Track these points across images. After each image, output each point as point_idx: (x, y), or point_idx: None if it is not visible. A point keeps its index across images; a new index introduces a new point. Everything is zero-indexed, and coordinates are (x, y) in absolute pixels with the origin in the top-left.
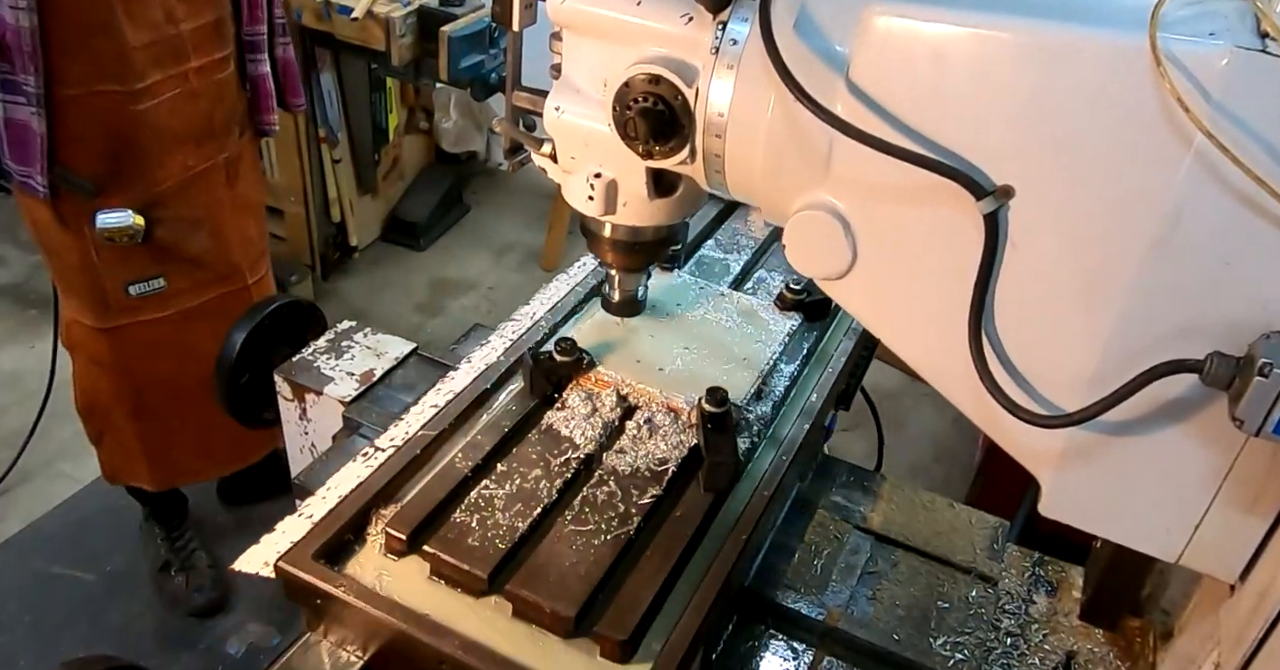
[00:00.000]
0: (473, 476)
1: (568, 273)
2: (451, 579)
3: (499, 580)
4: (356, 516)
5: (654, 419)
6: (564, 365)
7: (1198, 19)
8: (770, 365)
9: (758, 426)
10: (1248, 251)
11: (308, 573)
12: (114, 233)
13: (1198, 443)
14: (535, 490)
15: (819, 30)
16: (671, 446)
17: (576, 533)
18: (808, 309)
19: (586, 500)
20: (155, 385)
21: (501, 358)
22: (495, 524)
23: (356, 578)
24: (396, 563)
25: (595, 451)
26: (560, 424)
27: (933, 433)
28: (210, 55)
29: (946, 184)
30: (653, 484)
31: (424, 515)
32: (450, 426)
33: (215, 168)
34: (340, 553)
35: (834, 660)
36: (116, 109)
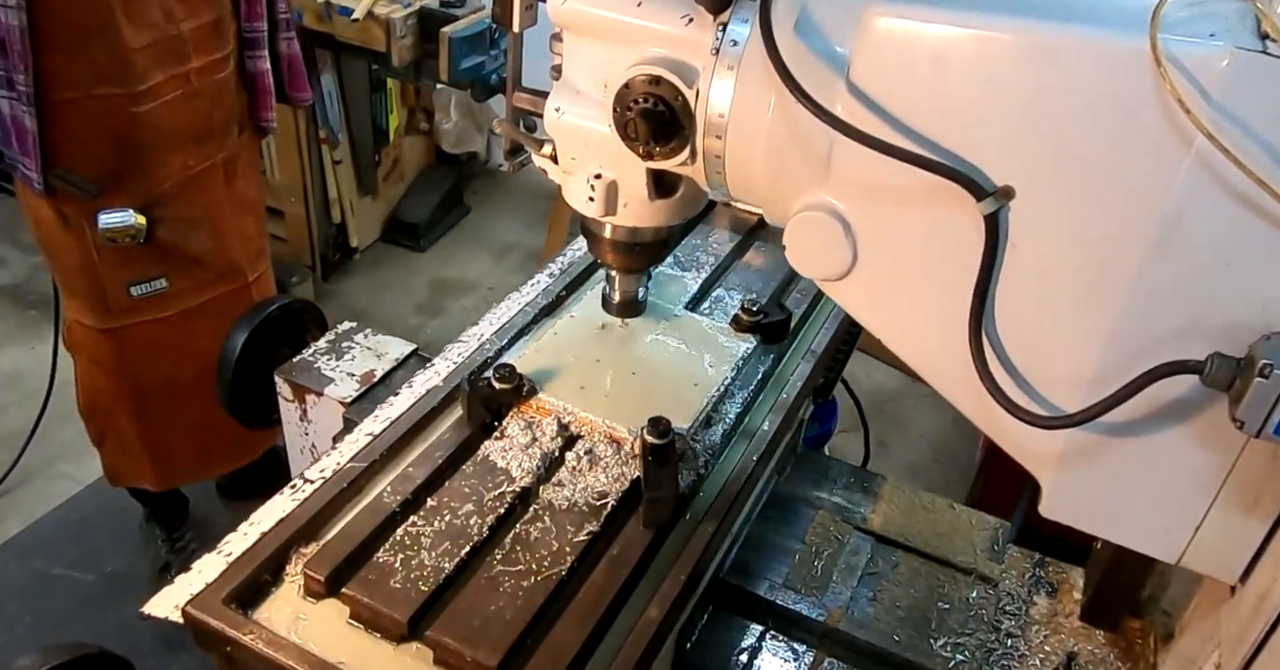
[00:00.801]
0: (401, 512)
1: (520, 291)
2: (371, 623)
3: (420, 625)
4: (275, 555)
5: (595, 450)
6: (503, 392)
7: (1198, 20)
8: (721, 391)
9: (704, 457)
10: (1248, 252)
11: (216, 619)
12: (116, 233)
13: (1198, 444)
14: (465, 527)
15: (819, 31)
16: (612, 479)
17: (505, 573)
18: (765, 330)
19: (519, 537)
20: (157, 385)
21: (441, 383)
22: (420, 564)
23: (269, 623)
24: (315, 605)
25: (532, 484)
26: (497, 455)
27: (933, 433)
28: (210, 55)
29: (947, 185)
30: (590, 520)
31: (345, 555)
32: (382, 457)
33: (215, 167)
34: (255, 595)
35: (834, 661)
36: (118, 111)
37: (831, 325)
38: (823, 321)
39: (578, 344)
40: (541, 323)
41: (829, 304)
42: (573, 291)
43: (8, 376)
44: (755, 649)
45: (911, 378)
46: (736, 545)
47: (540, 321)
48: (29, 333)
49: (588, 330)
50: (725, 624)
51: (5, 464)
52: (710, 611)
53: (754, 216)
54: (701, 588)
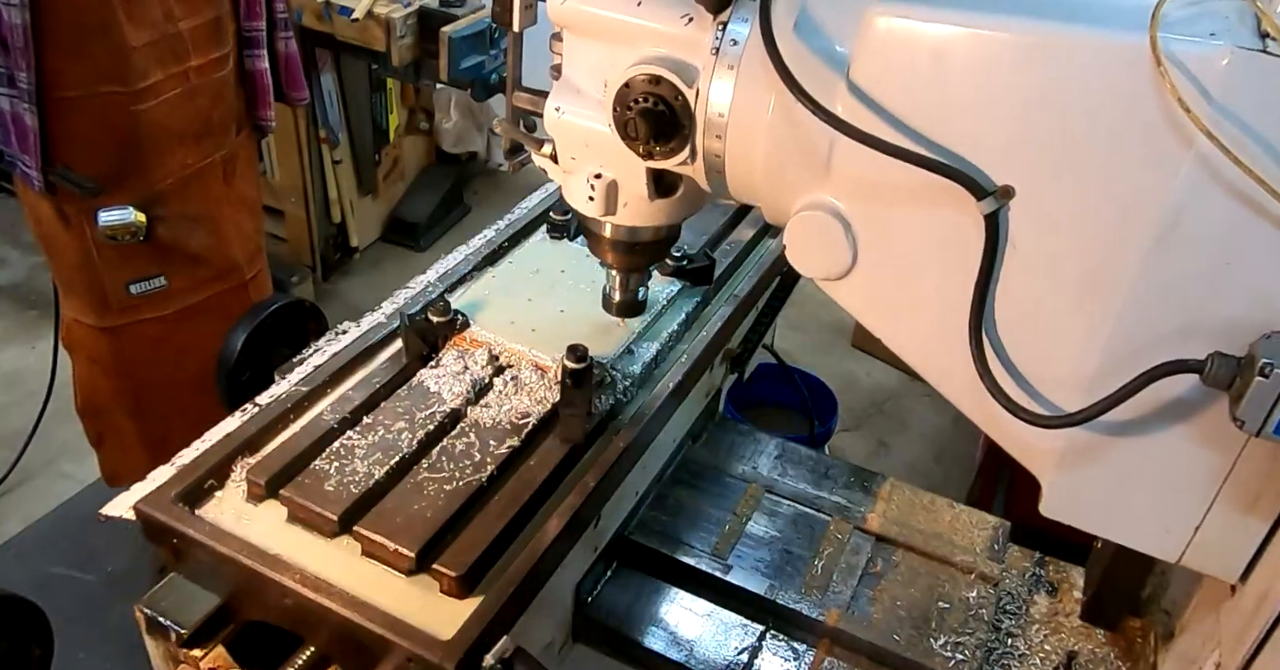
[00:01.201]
0: (338, 428)
1: (468, 244)
2: (306, 522)
3: (350, 522)
4: (219, 464)
5: (521, 376)
6: (439, 325)
7: (1198, 19)
8: (641, 328)
9: (624, 384)
10: (1248, 251)
11: (164, 514)
12: (116, 231)
13: (1198, 443)
14: (396, 441)
15: (819, 31)
16: (535, 402)
17: (430, 480)
18: (690, 275)
19: (445, 450)
20: (155, 384)
21: (384, 321)
22: (353, 471)
23: (214, 520)
24: (256, 507)
25: (461, 406)
26: (431, 381)
27: (933, 432)
28: (210, 54)
29: (947, 184)
30: (512, 436)
31: (284, 463)
32: (324, 384)
33: (214, 165)
34: (200, 497)
35: (834, 661)
36: (118, 109)
37: (755, 275)
38: (748, 272)
39: (512, 286)
40: (483, 270)
41: (755, 256)
42: (515, 243)
43: (8, 376)
44: (755, 649)
45: (911, 377)
46: (644, 504)
47: (482, 269)
48: (29, 333)
49: (523, 274)
50: (628, 581)
51: (5, 464)
52: (614, 568)
53: None
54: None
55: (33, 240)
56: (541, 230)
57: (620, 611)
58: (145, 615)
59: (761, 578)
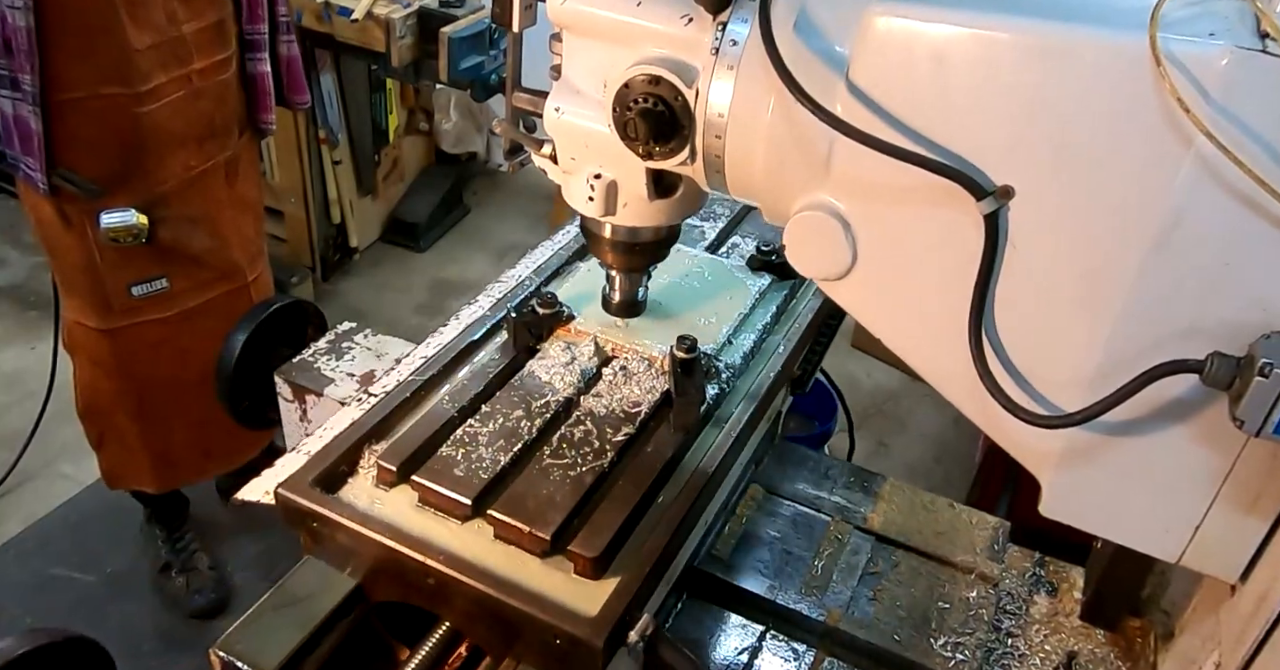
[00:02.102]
0: (458, 417)
1: (553, 239)
2: (438, 506)
3: (482, 506)
4: (350, 451)
5: (628, 367)
6: (545, 317)
7: (1198, 19)
8: (741, 319)
9: (727, 374)
10: (1248, 252)
11: (305, 498)
12: (118, 232)
13: (1198, 443)
14: (516, 428)
15: (819, 31)
16: (645, 391)
17: (554, 465)
18: (778, 269)
19: (564, 437)
20: (157, 386)
21: (487, 313)
22: (479, 457)
23: (350, 504)
24: (387, 492)
25: (573, 395)
26: (541, 371)
27: (933, 432)
28: (212, 56)
29: (947, 184)
30: (626, 424)
31: (413, 449)
32: (438, 374)
33: (216, 167)
34: (335, 482)
35: (834, 661)
36: (121, 112)
37: None
38: None
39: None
40: (574, 263)
41: None
42: None
43: (8, 376)
44: (756, 649)
45: (911, 377)
46: (713, 535)
47: (572, 262)
48: (29, 333)
49: None
50: (700, 612)
51: (5, 464)
52: (685, 599)
53: None
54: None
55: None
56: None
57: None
58: (221, 660)
59: (761, 578)
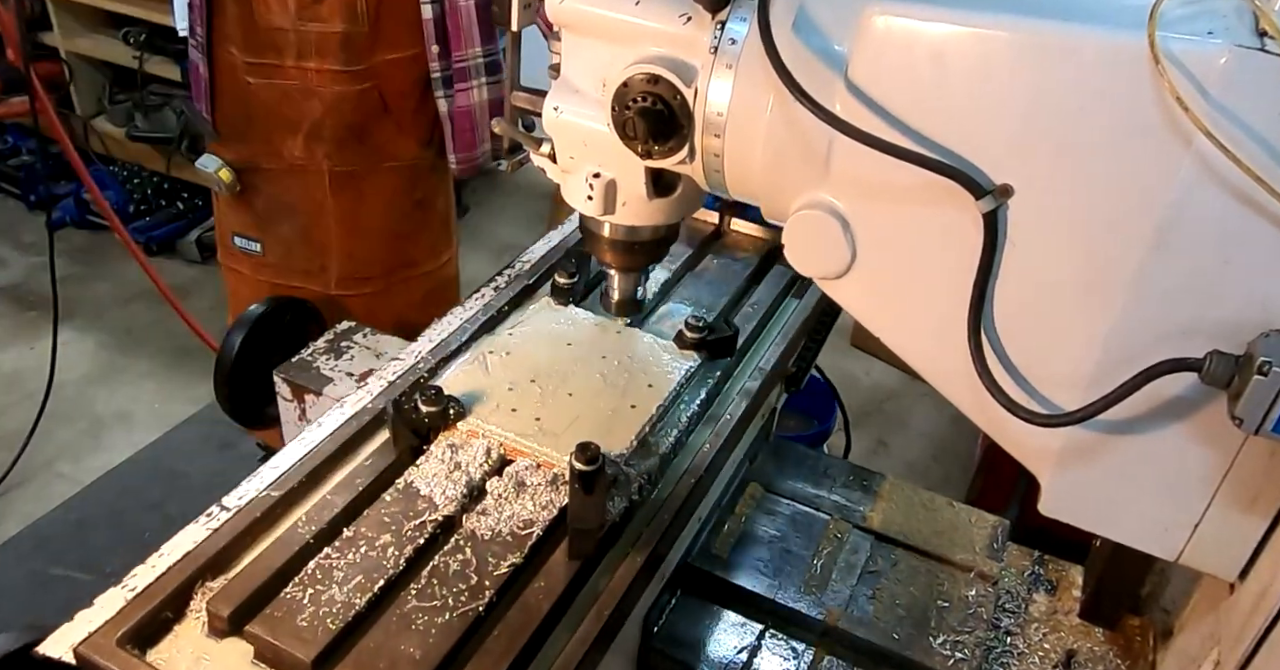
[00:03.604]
0: (315, 543)
1: (464, 306)
2: (275, 663)
3: (325, 666)
4: (179, 591)
5: (523, 477)
6: (430, 416)
7: (1196, 18)
8: (659, 413)
9: (638, 483)
10: (1247, 250)
11: (109, 660)
12: (204, 175)
13: (1197, 441)
14: (381, 559)
15: (818, 30)
16: (540, 507)
17: (419, 609)
18: (710, 347)
19: (436, 570)
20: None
21: (370, 404)
22: (330, 600)
23: (167, 665)
24: (218, 644)
25: (455, 513)
26: (421, 482)
27: (932, 431)
28: (332, 64)
29: (946, 183)
30: (513, 550)
31: (251, 590)
32: (301, 484)
33: (318, 171)
34: (156, 633)
35: (834, 660)
36: (235, 72)
37: (781, 341)
38: (773, 338)
39: (514, 363)
40: (480, 340)
41: (780, 320)
42: (515, 306)
43: (7, 376)
44: (755, 648)
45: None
46: (705, 530)
47: (479, 338)
48: (28, 333)
49: (525, 349)
50: (693, 609)
51: (5, 464)
52: (678, 596)
53: (710, 226)
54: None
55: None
56: (544, 293)
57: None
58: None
59: (760, 576)
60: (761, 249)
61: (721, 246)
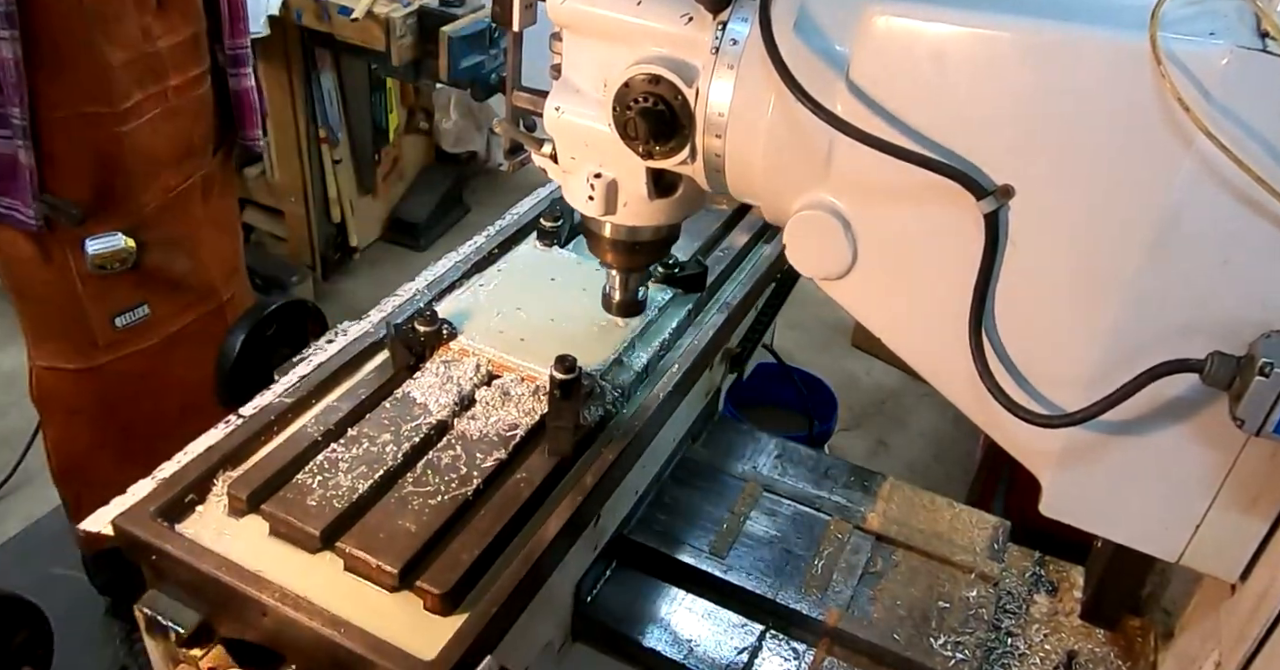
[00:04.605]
0: (322, 440)
1: (458, 251)
2: (288, 537)
3: (332, 538)
4: (201, 478)
5: (508, 388)
6: (426, 335)
7: (1198, 18)
8: (633, 336)
9: (613, 395)
10: (1248, 250)
11: (143, 531)
12: (106, 259)
13: (1198, 442)
14: (381, 454)
15: (819, 30)
16: (523, 413)
17: (415, 494)
18: (682, 282)
19: (430, 463)
20: (139, 425)
21: (371, 330)
22: (336, 485)
23: (194, 536)
24: (238, 522)
25: (447, 418)
26: (417, 391)
27: (933, 431)
28: (188, 72)
29: (947, 184)
30: (498, 448)
31: (266, 477)
32: (309, 395)
33: (194, 186)
34: (181, 512)
35: (834, 660)
36: (101, 131)
37: (749, 282)
38: (740, 278)
39: (501, 294)
40: (471, 277)
41: (749, 262)
42: (505, 250)
43: (7, 376)
44: (755, 648)
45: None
46: (644, 504)
47: (470, 276)
48: None
49: (512, 282)
50: (628, 581)
51: (6, 465)
52: (614, 567)
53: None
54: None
55: None
56: (532, 237)
57: (620, 611)
58: (145, 615)
59: (761, 577)
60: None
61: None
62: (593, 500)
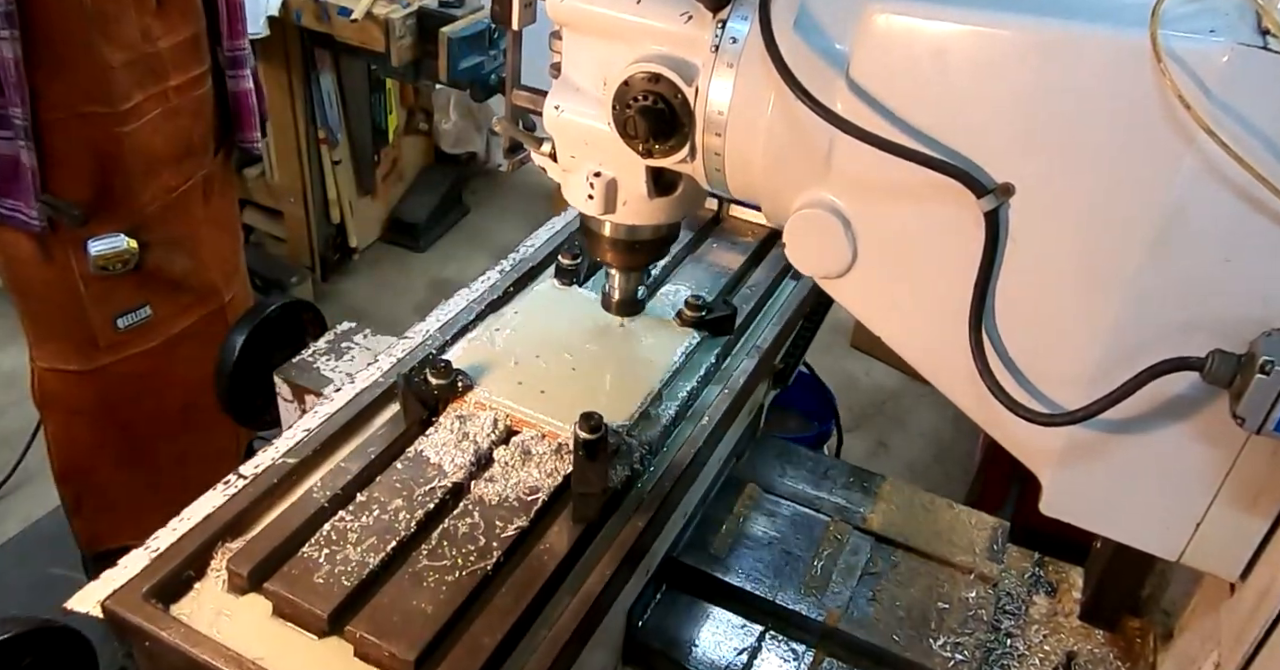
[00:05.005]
0: (329, 507)
1: (469, 288)
2: (293, 618)
3: (341, 620)
4: (199, 551)
5: (528, 446)
6: (439, 388)
7: (1198, 16)
8: (660, 386)
9: (640, 453)
10: (1248, 248)
11: (135, 614)
12: (109, 260)
13: (1199, 440)
14: (393, 522)
15: (819, 28)
16: (545, 474)
17: (430, 569)
18: (709, 325)
19: (446, 533)
20: (140, 424)
21: (381, 379)
22: (345, 559)
23: (189, 619)
24: (238, 600)
25: (464, 480)
26: (431, 450)
27: (932, 432)
28: (189, 72)
29: (947, 182)
30: (519, 515)
31: (269, 550)
32: (315, 453)
33: (195, 186)
34: (177, 591)
35: (834, 661)
36: (103, 131)
37: (779, 321)
38: (771, 318)
39: (519, 339)
40: (486, 319)
41: (777, 301)
42: (520, 288)
43: (7, 376)
44: (754, 649)
45: (911, 377)
46: (692, 525)
47: (485, 317)
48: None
49: (530, 327)
50: (678, 604)
51: (5, 464)
52: (663, 590)
53: (709, 213)
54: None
55: None
56: (549, 274)
57: (670, 633)
58: None
59: (760, 578)
60: (760, 234)
61: (720, 231)
62: (621, 572)
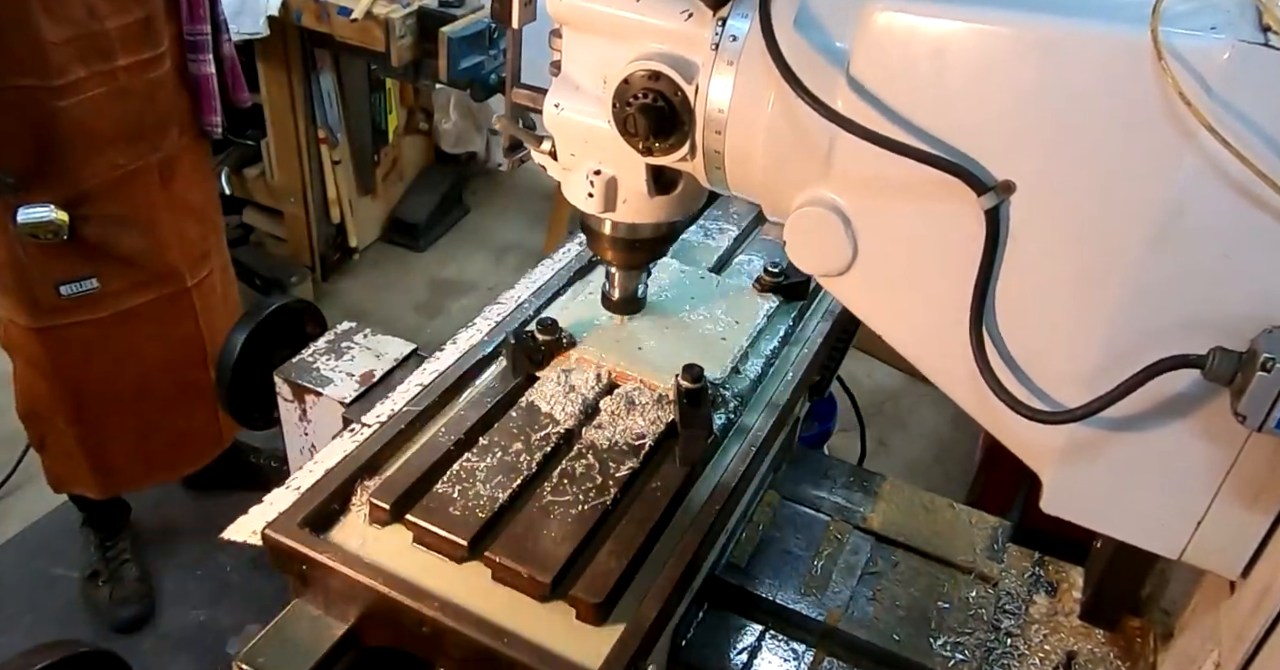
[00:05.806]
0: (455, 450)
1: (553, 258)
2: (433, 546)
3: (479, 547)
4: (342, 487)
5: (631, 396)
6: (545, 344)
7: (1199, 12)
8: (747, 344)
9: (734, 403)
10: (1250, 245)
11: (293, 540)
12: (36, 229)
13: (1200, 438)
14: (516, 463)
15: (819, 26)
16: (649, 422)
17: (555, 503)
18: (785, 291)
19: (565, 472)
20: (92, 390)
21: (485, 339)
22: (476, 494)
23: (341, 545)
24: (380, 531)
25: (575, 427)
26: (541, 401)
27: (933, 431)
28: (140, 54)
29: (947, 179)
30: (630, 457)
31: (407, 486)
32: (434, 404)
33: (149, 167)
34: (325, 522)
35: (834, 661)
36: (37, 104)
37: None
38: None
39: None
40: (575, 284)
41: None
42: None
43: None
44: (755, 649)
45: (912, 376)
46: (733, 543)
47: (574, 283)
48: None
49: None
50: (721, 623)
51: (6, 464)
52: (706, 609)
53: None
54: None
55: None
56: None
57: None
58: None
59: (760, 577)
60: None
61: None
62: (728, 507)
